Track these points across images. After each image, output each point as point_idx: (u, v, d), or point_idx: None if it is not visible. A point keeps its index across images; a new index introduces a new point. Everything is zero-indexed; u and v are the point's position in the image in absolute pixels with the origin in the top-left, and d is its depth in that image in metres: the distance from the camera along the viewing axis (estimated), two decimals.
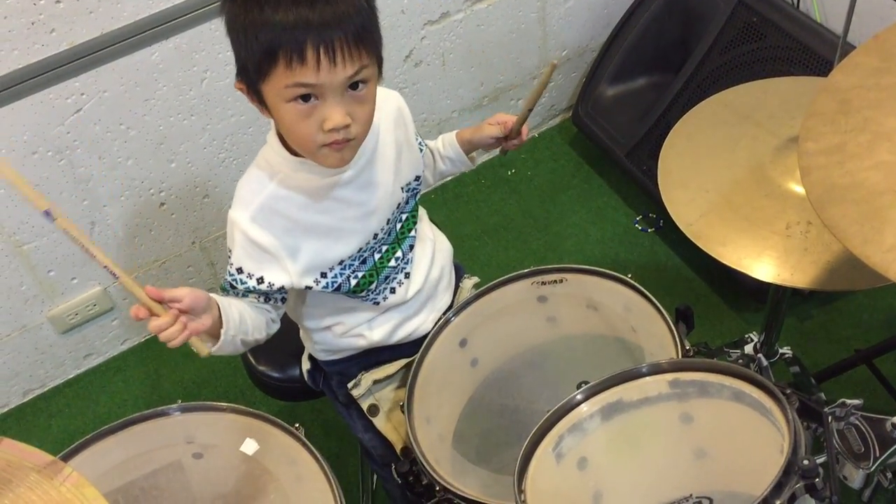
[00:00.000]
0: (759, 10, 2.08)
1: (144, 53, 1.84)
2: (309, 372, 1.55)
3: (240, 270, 1.25)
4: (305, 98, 1.11)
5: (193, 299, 1.12)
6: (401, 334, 1.44)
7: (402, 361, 1.45)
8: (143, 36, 1.81)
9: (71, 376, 2.26)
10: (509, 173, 2.57)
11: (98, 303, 2.15)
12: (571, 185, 2.52)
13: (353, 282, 1.32)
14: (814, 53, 1.98)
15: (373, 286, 1.35)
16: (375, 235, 1.33)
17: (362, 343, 1.42)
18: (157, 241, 2.15)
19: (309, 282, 1.28)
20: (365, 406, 1.44)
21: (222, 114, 2.03)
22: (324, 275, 1.29)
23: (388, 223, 1.35)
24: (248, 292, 1.26)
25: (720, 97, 1.54)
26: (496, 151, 1.51)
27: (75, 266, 2.06)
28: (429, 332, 1.45)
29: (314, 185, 1.25)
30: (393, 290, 1.38)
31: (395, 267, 1.38)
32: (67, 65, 1.76)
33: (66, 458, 1.31)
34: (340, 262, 1.30)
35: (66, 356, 2.22)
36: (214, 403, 1.39)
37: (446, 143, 1.50)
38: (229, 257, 1.26)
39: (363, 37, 1.10)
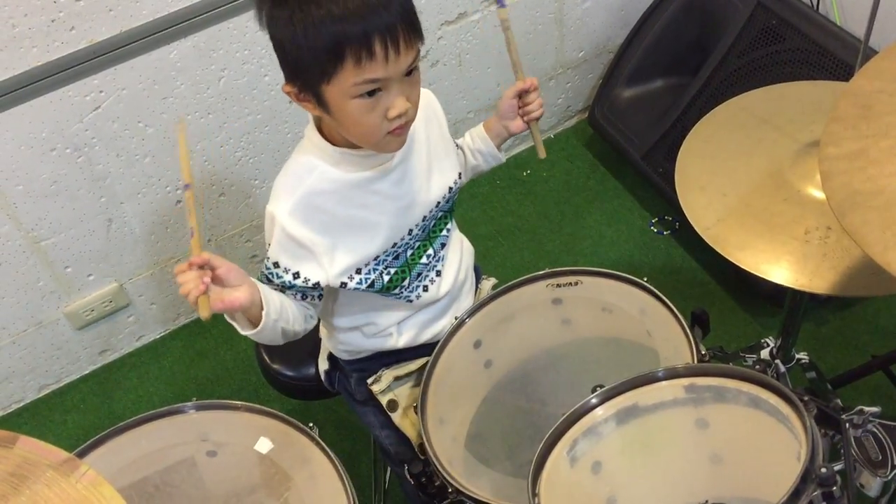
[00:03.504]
0: (779, 12, 2.07)
1: (163, 52, 1.85)
2: (326, 372, 1.55)
3: (276, 265, 1.25)
4: (371, 92, 1.12)
5: (229, 269, 1.14)
6: (426, 336, 1.45)
7: (423, 360, 1.45)
8: (161, 34, 1.82)
9: (86, 372, 2.28)
10: (524, 174, 2.56)
11: (114, 299, 2.16)
12: (587, 186, 2.51)
13: (386, 278, 1.32)
14: (833, 57, 1.96)
15: (405, 283, 1.35)
16: (410, 231, 1.33)
17: (389, 344, 1.42)
18: (173, 238, 2.15)
19: (344, 278, 1.28)
20: (384, 401, 1.44)
21: (239, 112, 2.04)
22: (358, 271, 1.30)
23: (424, 220, 1.35)
24: (284, 287, 1.27)
25: (738, 101, 1.53)
26: (520, 149, 1.50)
27: (92, 262, 2.07)
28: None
29: (355, 178, 1.25)
30: (426, 288, 1.39)
31: (426, 264, 1.38)
32: (86, 62, 1.77)
33: (81, 454, 1.31)
34: (375, 258, 1.30)
35: (82, 352, 2.23)
36: (229, 402, 1.39)
37: (475, 136, 1.48)
38: (267, 251, 1.27)
39: (415, 21, 1.13)
